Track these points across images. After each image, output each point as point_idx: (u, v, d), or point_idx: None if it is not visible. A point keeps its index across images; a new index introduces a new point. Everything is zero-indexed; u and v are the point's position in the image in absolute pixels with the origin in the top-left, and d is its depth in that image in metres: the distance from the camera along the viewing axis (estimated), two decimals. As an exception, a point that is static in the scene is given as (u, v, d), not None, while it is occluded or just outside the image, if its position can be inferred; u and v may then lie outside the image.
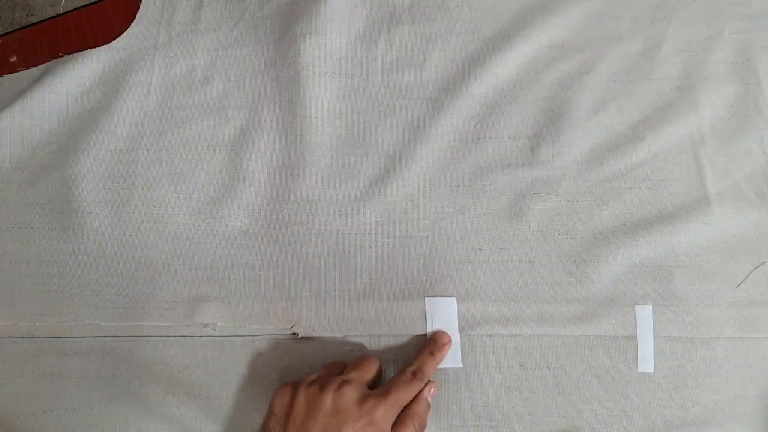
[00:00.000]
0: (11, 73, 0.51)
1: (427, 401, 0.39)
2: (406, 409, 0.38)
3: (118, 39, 0.52)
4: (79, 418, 0.42)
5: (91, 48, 0.52)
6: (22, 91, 0.50)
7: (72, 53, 0.52)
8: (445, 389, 0.42)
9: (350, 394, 0.36)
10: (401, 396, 0.38)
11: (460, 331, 0.43)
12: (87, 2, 0.54)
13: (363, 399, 0.36)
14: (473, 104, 0.49)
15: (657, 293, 0.44)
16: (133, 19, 0.53)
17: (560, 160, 0.47)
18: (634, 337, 0.43)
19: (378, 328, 0.43)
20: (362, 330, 0.43)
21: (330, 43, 0.51)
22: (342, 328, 0.44)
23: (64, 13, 0.54)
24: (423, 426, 0.38)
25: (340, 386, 0.37)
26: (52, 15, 0.54)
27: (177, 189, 0.47)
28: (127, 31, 0.53)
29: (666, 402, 0.42)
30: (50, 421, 0.42)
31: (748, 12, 0.52)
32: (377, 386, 0.40)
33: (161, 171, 0.48)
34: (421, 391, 0.39)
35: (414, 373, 0.39)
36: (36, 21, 0.54)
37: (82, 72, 0.51)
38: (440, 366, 0.42)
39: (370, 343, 0.43)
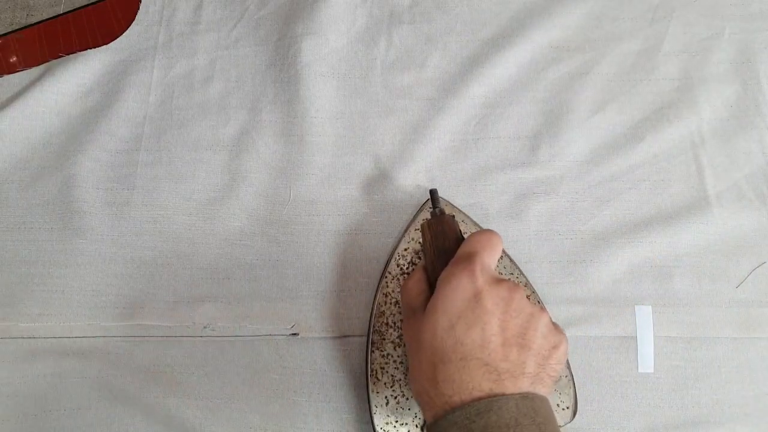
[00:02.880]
0: (11, 73, 0.51)
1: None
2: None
3: (118, 39, 0.52)
4: (78, 419, 0.42)
5: (91, 48, 0.52)
6: (22, 91, 0.50)
7: (72, 53, 0.52)
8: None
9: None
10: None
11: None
12: (87, 2, 0.54)
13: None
14: (473, 104, 0.49)
15: (657, 293, 0.44)
16: (133, 19, 0.53)
17: (560, 160, 0.47)
18: (634, 337, 0.43)
19: (378, 328, 0.43)
20: (362, 330, 0.43)
21: (330, 43, 0.51)
22: (342, 328, 0.44)
23: (64, 13, 0.54)
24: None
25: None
26: (52, 15, 0.54)
27: (177, 189, 0.47)
28: (127, 31, 0.53)
29: (666, 402, 0.42)
30: (50, 421, 0.42)
31: (748, 12, 0.52)
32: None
33: (161, 171, 0.48)
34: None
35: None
36: (36, 21, 0.54)
37: (82, 72, 0.51)
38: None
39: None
